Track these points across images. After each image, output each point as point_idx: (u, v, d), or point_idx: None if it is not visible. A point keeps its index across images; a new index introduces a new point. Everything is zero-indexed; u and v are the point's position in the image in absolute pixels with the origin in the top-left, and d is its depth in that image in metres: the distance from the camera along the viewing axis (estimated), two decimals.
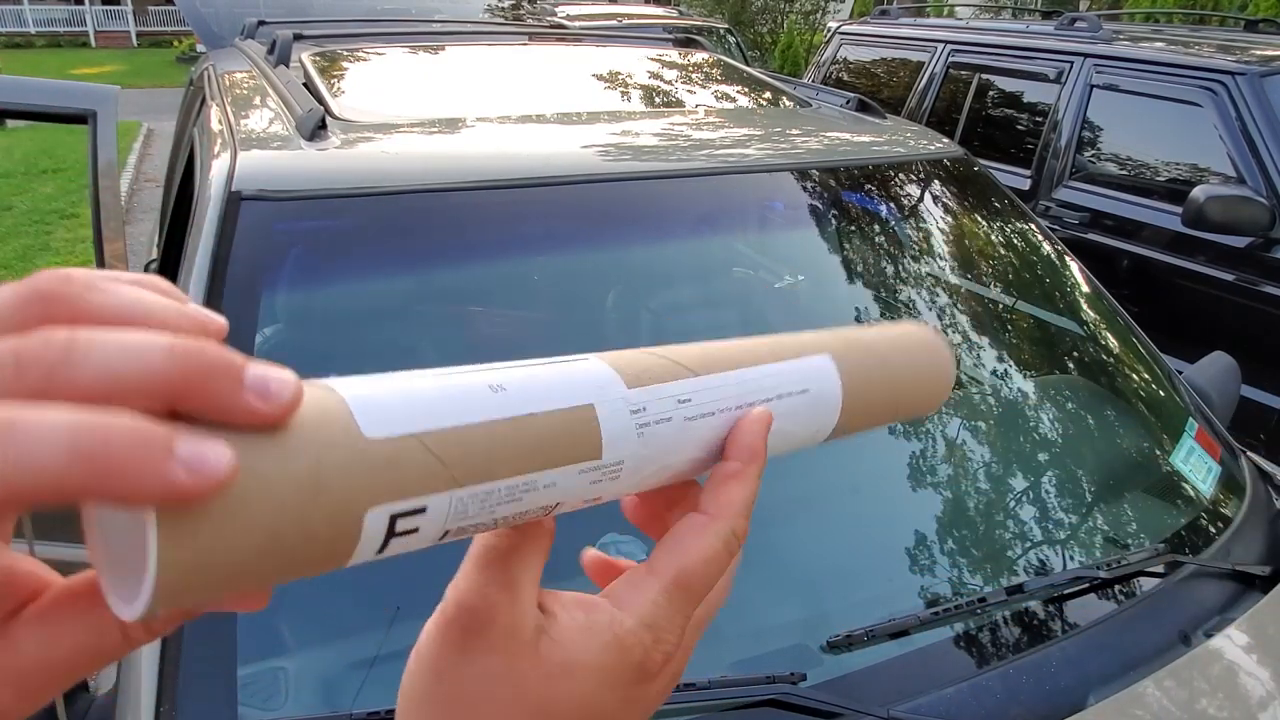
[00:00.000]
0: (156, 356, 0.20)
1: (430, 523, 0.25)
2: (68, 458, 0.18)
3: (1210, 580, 1.08)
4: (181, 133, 2.27)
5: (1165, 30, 4.35)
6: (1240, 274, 2.83)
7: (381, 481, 0.24)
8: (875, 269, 1.43)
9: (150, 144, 9.77)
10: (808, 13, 13.41)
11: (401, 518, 0.25)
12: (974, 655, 0.93)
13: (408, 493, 0.24)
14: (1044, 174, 3.47)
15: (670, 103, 1.77)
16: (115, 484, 0.19)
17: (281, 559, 0.22)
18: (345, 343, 1.22)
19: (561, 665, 0.28)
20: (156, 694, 0.75)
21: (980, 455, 1.23)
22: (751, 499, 0.32)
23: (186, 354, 0.20)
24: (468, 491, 0.26)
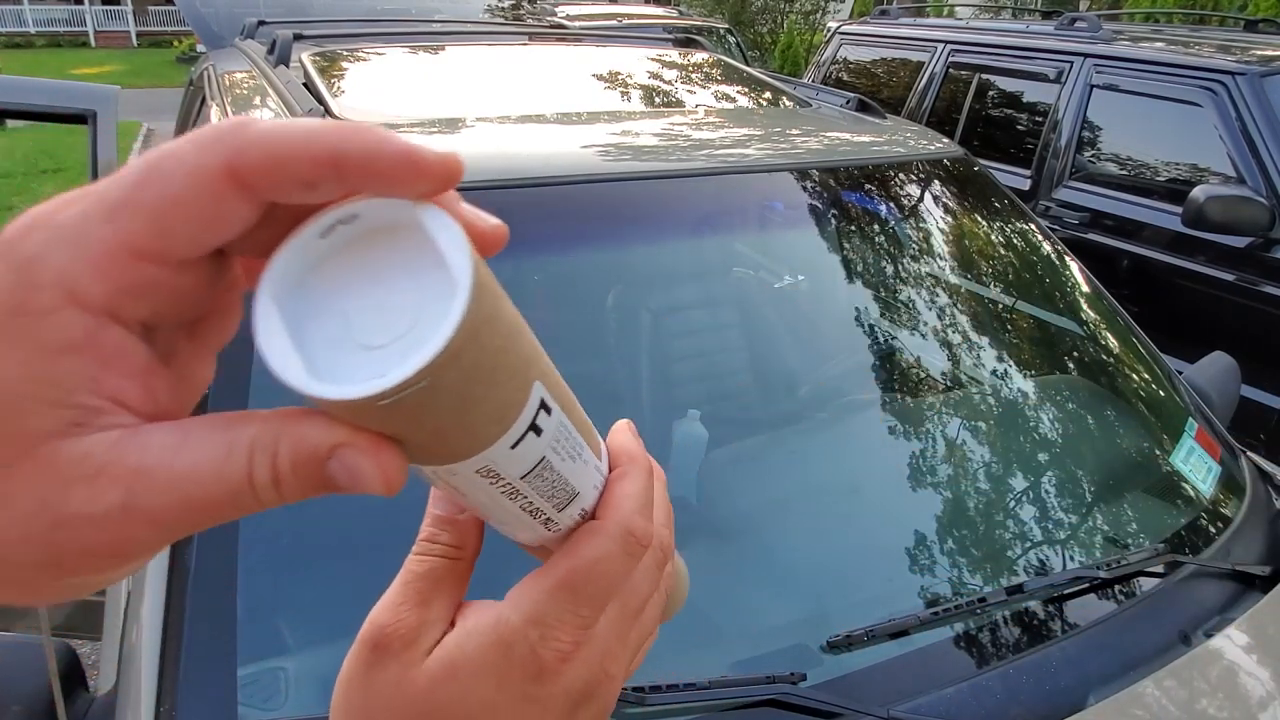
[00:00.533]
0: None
1: (547, 433, 0.26)
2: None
3: (1210, 580, 1.08)
4: (181, 133, 2.26)
5: (1165, 30, 4.35)
6: (1240, 274, 2.83)
7: (539, 360, 0.26)
8: (875, 269, 1.43)
9: (150, 144, 9.77)
10: (808, 13, 13.41)
11: (542, 409, 0.26)
12: (974, 655, 0.93)
13: (548, 386, 0.26)
14: (1044, 174, 3.47)
15: (670, 103, 1.77)
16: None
17: (484, 387, 0.23)
18: None
19: (444, 667, 0.29)
20: (156, 694, 0.75)
21: (980, 455, 1.23)
22: (642, 498, 0.32)
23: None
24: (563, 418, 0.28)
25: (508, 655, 0.29)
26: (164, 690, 0.75)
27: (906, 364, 1.33)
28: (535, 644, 0.29)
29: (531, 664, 0.29)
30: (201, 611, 0.80)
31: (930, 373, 1.33)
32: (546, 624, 0.30)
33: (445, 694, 0.29)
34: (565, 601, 0.30)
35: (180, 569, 0.82)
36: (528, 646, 0.29)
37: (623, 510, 0.31)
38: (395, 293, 0.22)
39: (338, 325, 0.22)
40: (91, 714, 0.85)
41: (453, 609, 0.31)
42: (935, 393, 1.30)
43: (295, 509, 0.94)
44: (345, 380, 0.21)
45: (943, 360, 1.34)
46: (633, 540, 0.31)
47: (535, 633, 0.29)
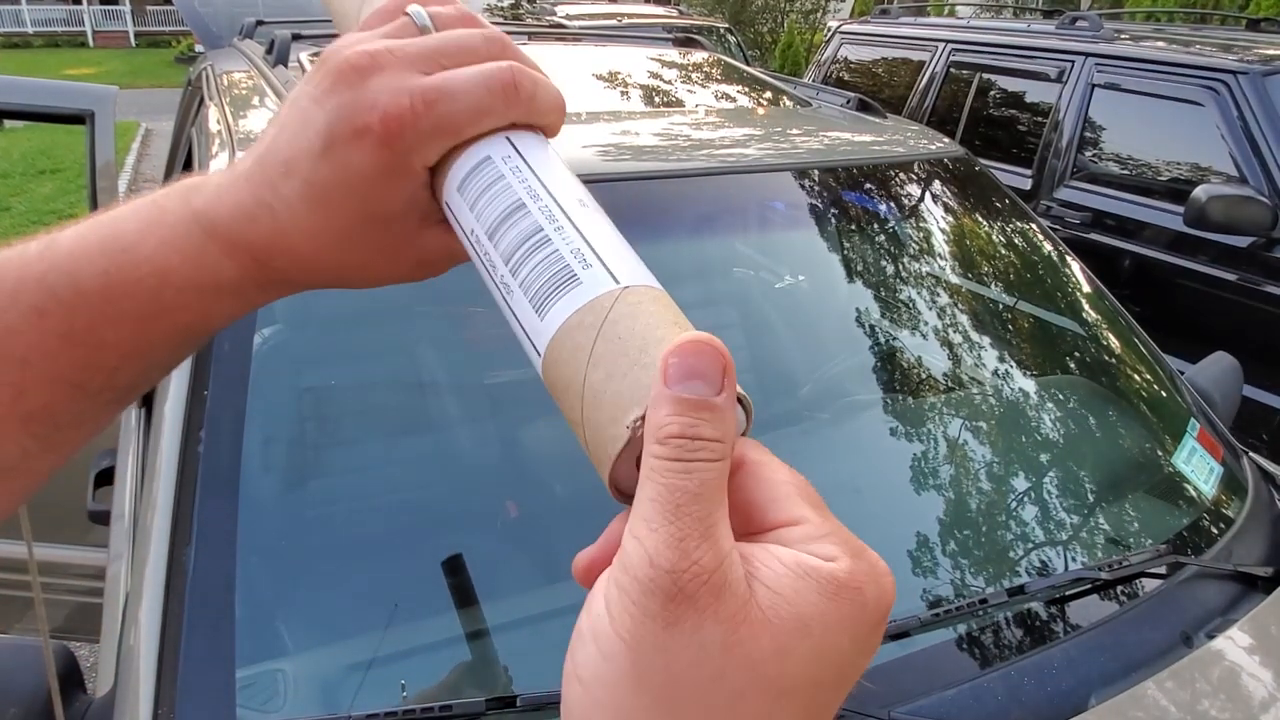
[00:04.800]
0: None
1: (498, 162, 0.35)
2: (484, 90, 0.35)
3: (1212, 581, 1.08)
4: (180, 133, 2.26)
5: (1167, 29, 4.35)
6: (1242, 274, 2.82)
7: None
8: (876, 269, 1.42)
9: (148, 144, 9.77)
10: (808, 12, 13.40)
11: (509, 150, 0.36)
12: (975, 656, 0.93)
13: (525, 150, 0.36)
14: (1045, 174, 3.46)
15: (670, 103, 1.76)
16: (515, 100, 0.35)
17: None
18: (344, 343, 1.22)
19: (794, 623, 0.23)
20: (155, 696, 0.75)
21: (981, 456, 1.23)
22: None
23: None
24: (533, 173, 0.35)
25: (860, 603, 0.24)
26: (162, 692, 0.75)
27: (907, 364, 1.33)
28: (878, 580, 0.25)
29: (876, 608, 0.25)
30: (200, 613, 0.79)
31: (931, 373, 1.32)
32: (869, 557, 0.25)
33: (801, 656, 0.23)
34: (840, 524, 0.26)
35: (179, 571, 0.81)
36: (875, 586, 0.24)
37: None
38: None
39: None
40: (90, 716, 0.85)
41: (730, 532, 0.25)
42: (936, 393, 1.30)
43: (294, 510, 0.94)
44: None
45: (944, 360, 1.34)
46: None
47: (867, 564, 0.25)
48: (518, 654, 0.89)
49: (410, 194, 0.36)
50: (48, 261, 0.35)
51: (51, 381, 0.35)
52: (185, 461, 0.88)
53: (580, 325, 0.29)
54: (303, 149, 0.35)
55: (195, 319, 0.37)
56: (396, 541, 1.01)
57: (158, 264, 0.35)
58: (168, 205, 0.37)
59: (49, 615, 1.77)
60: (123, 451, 1.44)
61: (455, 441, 1.16)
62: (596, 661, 0.24)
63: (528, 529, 1.07)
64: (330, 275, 0.38)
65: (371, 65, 0.34)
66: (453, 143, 0.35)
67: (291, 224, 0.35)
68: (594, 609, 0.24)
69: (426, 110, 0.34)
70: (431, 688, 0.84)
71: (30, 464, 0.36)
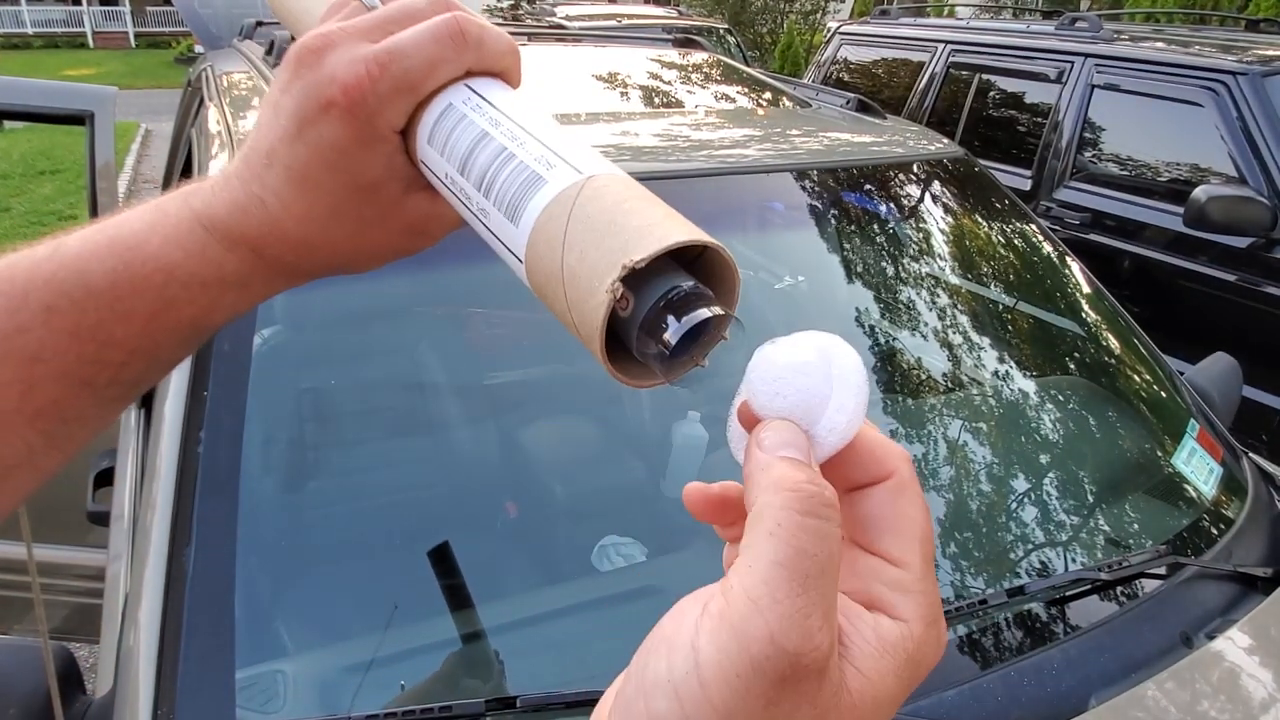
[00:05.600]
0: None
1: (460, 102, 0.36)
2: (432, 41, 0.35)
3: (1212, 582, 1.07)
4: (179, 134, 2.26)
5: (1166, 30, 4.35)
6: (1242, 274, 2.82)
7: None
8: (876, 270, 1.42)
9: (148, 145, 9.77)
10: (808, 13, 13.41)
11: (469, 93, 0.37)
12: (975, 657, 0.93)
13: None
14: (1045, 174, 3.47)
15: (670, 103, 1.76)
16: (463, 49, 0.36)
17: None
18: (344, 344, 1.22)
19: (873, 704, 0.24)
20: (154, 697, 0.75)
21: (981, 456, 1.23)
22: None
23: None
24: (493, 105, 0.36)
25: (916, 673, 0.25)
26: (162, 693, 0.75)
27: (907, 365, 1.33)
28: (935, 650, 0.25)
29: (926, 671, 0.25)
30: (200, 614, 0.79)
31: (931, 373, 1.32)
32: (937, 620, 0.25)
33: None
34: (934, 583, 0.26)
35: (178, 571, 0.81)
36: (933, 654, 0.25)
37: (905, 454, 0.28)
38: None
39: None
40: (89, 716, 0.85)
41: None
42: (936, 394, 1.30)
43: (294, 510, 0.94)
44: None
45: (943, 361, 1.34)
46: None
47: (934, 635, 0.25)
48: (518, 654, 0.89)
49: (386, 159, 0.37)
50: (56, 262, 0.36)
51: (60, 378, 0.36)
52: (185, 462, 0.88)
53: (551, 217, 0.30)
54: (279, 136, 0.37)
55: (200, 313, 0.39)
56: (396, 542, 1.01)
57: (163, 261, 0.37)
58: (169, 207, 0.38)
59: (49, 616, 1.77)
60: (122, 452, 1.44)
61: (455, 442, 1.16)
62: (677, 717, 0.22)
63: (527, 529, 1.07)
64: (325, 256, 0.40)
65: (325, 45, 0.36)
66: (414, 99, 0.36)
67: (282, 211, 0.37)
68: (676, 656, 0.23)
69: (382, 72, 0.35)
70: (431, 688, 0.84)
71: (36, 461, 0.37)
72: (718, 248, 0.29)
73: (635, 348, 0.28)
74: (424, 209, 0.40)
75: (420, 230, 0.40)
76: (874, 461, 0.27)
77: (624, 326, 0.28)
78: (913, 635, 0.25)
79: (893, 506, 0.27)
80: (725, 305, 0.29)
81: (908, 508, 0.27)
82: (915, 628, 0.25)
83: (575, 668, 0.89)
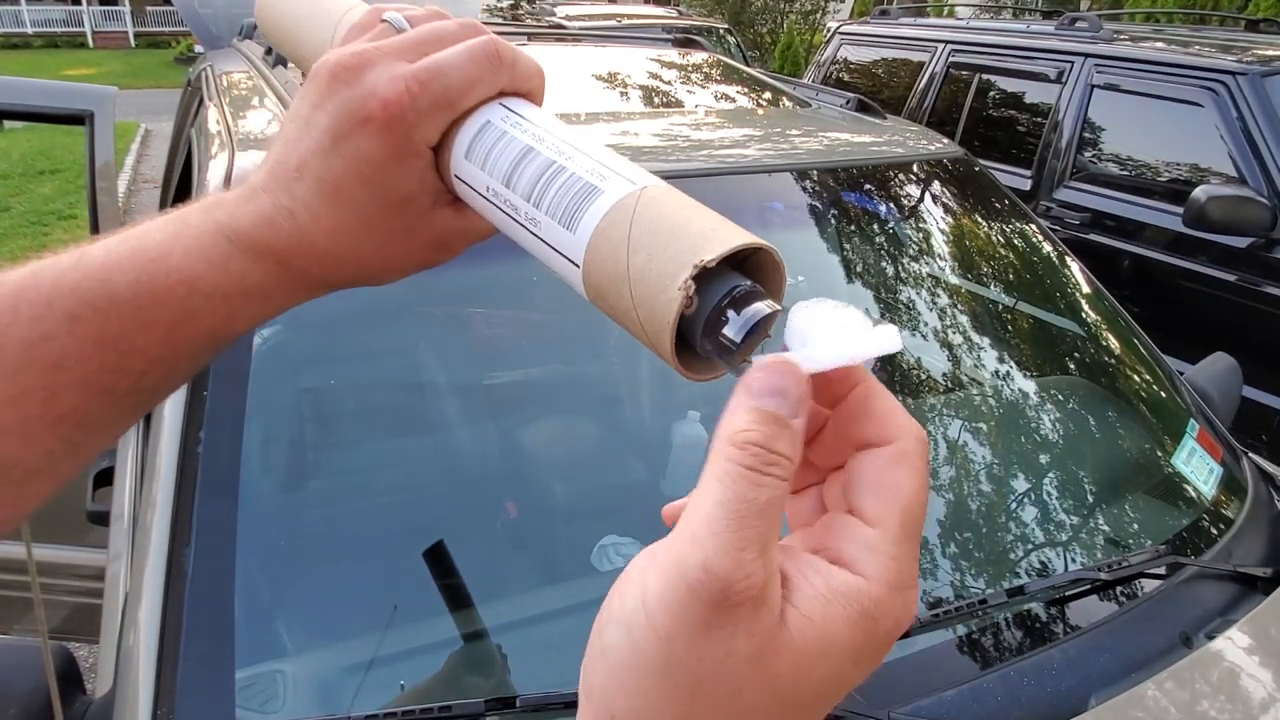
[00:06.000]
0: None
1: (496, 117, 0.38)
2: (469, 62, 0.37)
3: (1212, 582, 1.08)
4: (179, 134, 2.26)
5: (1166, 30, 4.35)
6: (1241, 274, 2.82)
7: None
8: (876, 270, 1.42)
9: (148, 145, 9.77)
10: (807, 13, 13.41)
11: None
12: (975, 657, 0.93)
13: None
14: (1044, 174, 3.47)
15: (670, 103, 1.76)
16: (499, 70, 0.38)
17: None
18: (343, 344, 1.22)
19: (817, 647, 0.24)
20: (154, 696, 0.75)
21: (981, 456, 1.23)
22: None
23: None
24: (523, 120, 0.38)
25: (874, 631, 0.25)
26: (161, 693, 0.75)
27: (907, 365, 1.33)
28: (900, 615, 0.25)
29: (891, 636, 0.26)
30: (199, 614, 0.79)
31: (931, 374, 1.32)
32: (905, 586, 0.26)
33: (811, 676, 0.25)
34: (911, 551, 0.26)
35: (178, 571, 0.81)
36: (894, 620, 0.25)
37: (913, 423, 0.28)
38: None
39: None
40: (89, 716, 0.85)
41: (777, 549, 0.25)
42: (936, 394, 1.30)
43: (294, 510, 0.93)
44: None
45: (943, 361, 1.34)
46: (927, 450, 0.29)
47: (899, 601, 0.25)
48: (517, 654, 0.89)
49: (419, 175, 0.38)
50: (81, 271, 0.37)
51: (82, 385, 0.37)
52: (185, 462, 0.88)
53: (613, 223, 0.32)
54: (312, 150, 0.38)
55: (220, 323, 0.39)
56: (396, 542, 1.01)
57: (185, 273, 0.37)
58: (191, 219, 0.39)
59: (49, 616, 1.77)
60: (122, 452, 1.44)
61: (454, 442, 1.16)
62: (626, 647, 0.24)
63: (527, 529, 1.07)
64: (352, 269, 0.41)
65: (363, 63, 0.37)
66: (450, 116, 0.37)
67: (311, 223, 0.38)
68: (627, 594, 0.25)
69: (421, 90, 0.36)
70: (431, 688, 0.84)
71: (56, 467, 0.38)
72: (770, 249, 0.31)
73: (699, 343, 0.30)
74: (449, 223, 0.41)
75: (443, 244, 0.42)
76: (883, 426, 0.28)
77: (688, 324, 0.30)
78: (869, 593, 0.25)
79: (881, 471, 0.27)
80: (775, 302, 0.31)
81: (897, 475, 0.27)
82: (875, 587, 0.25)
83: (575, 668, 0.89)
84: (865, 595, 0.25)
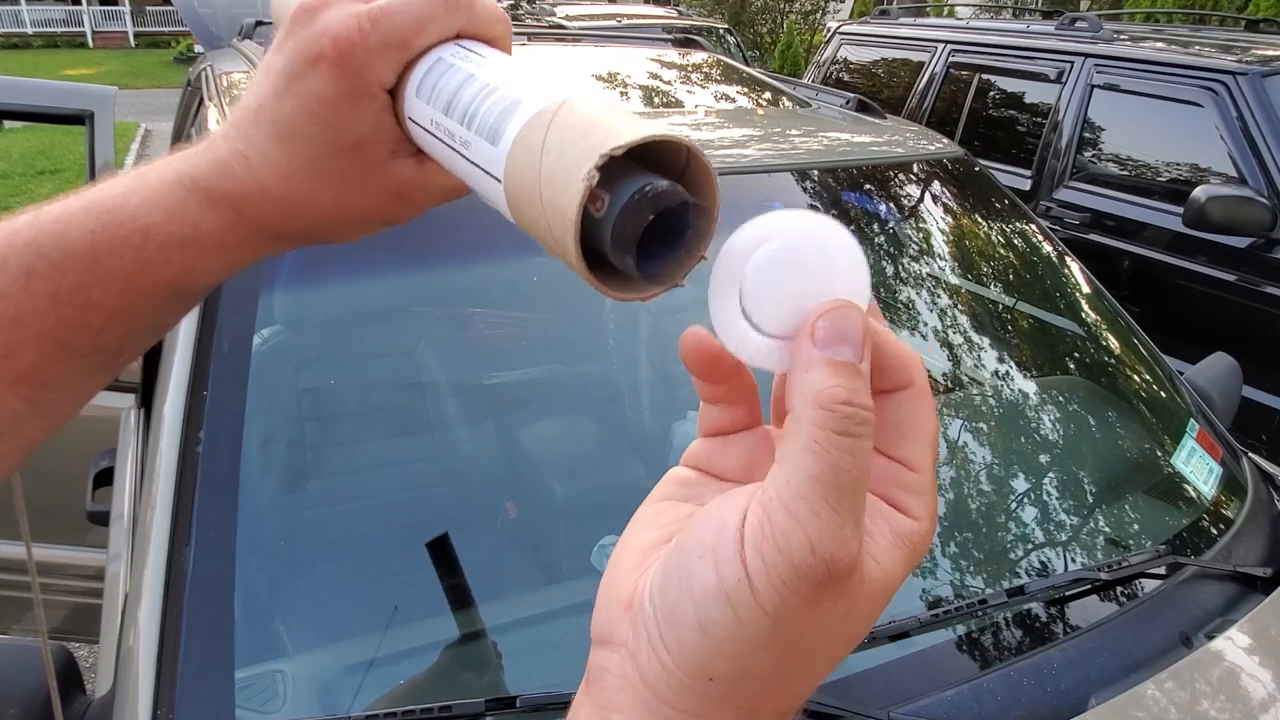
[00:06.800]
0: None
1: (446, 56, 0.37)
2: (425, 0, 0.36)
3: (1211, 582, 1.08)
4: (179, 133, 2.26)
5: (1166, 30, 4.35)
6: (1241, 274, 2.82)
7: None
8: (875, 270, 1.42)
9: (148, 145, 9.77)
10: (807, 13, 13.41)
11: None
12: (975, 657, 0.93)
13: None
14: (1044, 174, 3.47)
15: (670, 103, 1.76)
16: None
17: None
18: (343, 344, 1.22)
19: (884, 587, 0.26)
20: (154, 696, 0.75)
21: (981, 456, 1.23)
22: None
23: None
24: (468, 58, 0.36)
25: (916, 558, 0.27)
26: (161, 693, 0.75)
27: None
28: (930, 539, 0.28)
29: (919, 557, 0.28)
30: (199, 614, 0.79)
31: (931, 373, 1.32)
32: (934, 517, 0.28)
33: (875, 613, 0.27)
34: (935, 481, 0.28)
35: (178, 571, 0.81)
36: (925, 545, 0.27)
37: (919, 362, 0.29)
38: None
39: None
40: (89, 717, 0.85)
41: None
42: (936, 393, 1.30)
43: (294, 510, 0.93)
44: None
45: (943, 361, 1.34)
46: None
47: (932, 526, 0.28)
48: (517, 654, 0.89)
49: (373, 117, 0.37)
50: (36, 227, 0.37)
51: (40, 341, 0.37)
52: (184, 462, 0.88)
53: (531, 129, 0.30)
54: (267, 91, 0.38)
55: (178, 275, 0.39)
56: (396, 542, 1.01)
57: (141, 221, 0.37)
58: (150, 171, 0.39)
59: (48, 615, 1.77)
60: (122, 452, 1.44)
61: (454, 442, 1.16)
62: (731, 623, 0.24)
63: (527, 529, 1.07)
64: (309, 217, 0.40)
65: (321, 4, 0.37)
66: (403, 55, 0.37)
67: (264, 167, 0.38)
68: (727, 570, 0.24)
69: (373, 27, 0.36)
70: (432, 688, 0.84)
71: (20, 428, 0.38)
72: (695, 149, 0.28)
73: (610, 251, 0.27)
74: (409, 175, 0.40)
75: (405, 197, 0.41)
76: (900, 370, 0.28)
77: (598, 229, 0.27)
78: (919, 531, 0.27)
79: (913, 414, 0.28)
80: (703, 204, 0.28)
81: (921, 415, 0.28)
82: (923, 525, 0.27)
83: (575, 668, 0.89)
84: (916, 534, 0.27)
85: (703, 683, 0.25)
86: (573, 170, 0.27)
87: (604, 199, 0.27)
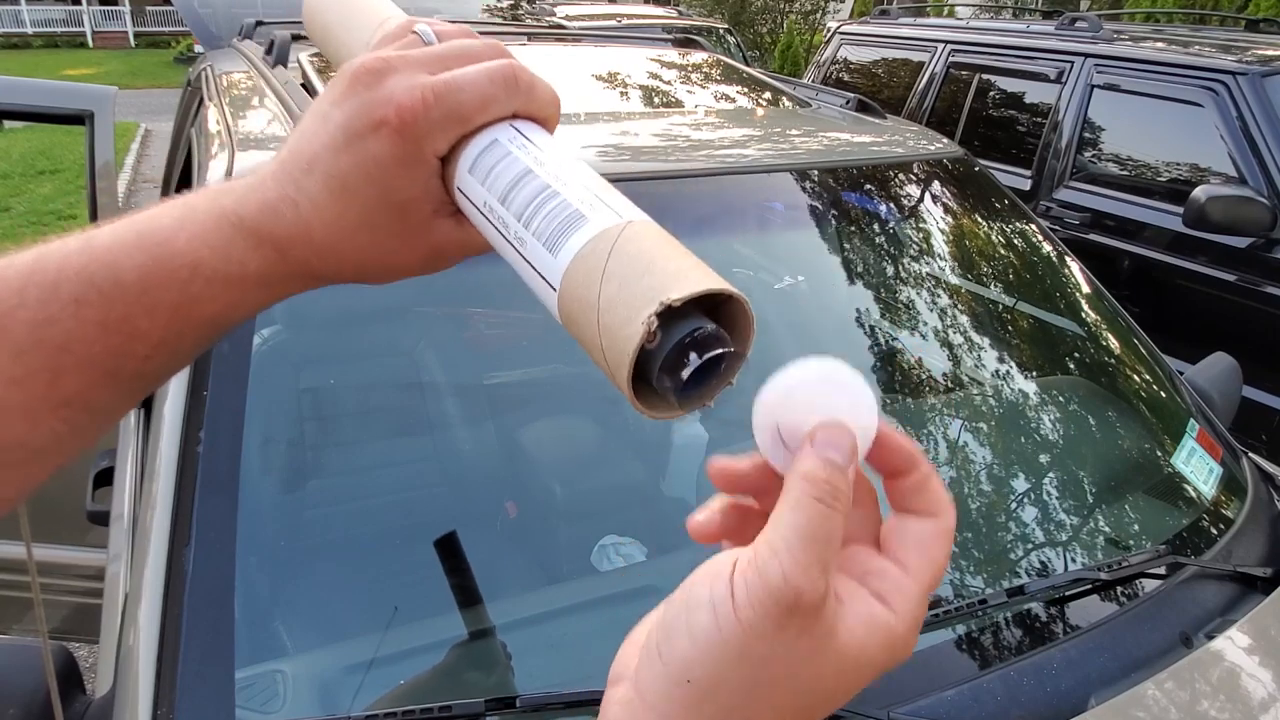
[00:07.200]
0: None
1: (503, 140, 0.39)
2: (487, 81, 0.38)
3: (1211, 582, 1.08)
4: (179, 133, 2.26)
5: (1166, 30, 4.35)
6: (1241, 274, 2.82)
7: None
8: (876, 270, 1.42)
9: (148, 145, 9.77)
10: (807, 13, 13.42)
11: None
12: (974, 657, 0.93)
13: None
14: (1044, 174, 3.47)
15: (670, 103, 1.76)
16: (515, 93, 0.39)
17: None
18: (343, 344, 1.22)
19: (854, 662, 0.30)
20: (154, 696, 0.75)
21: (981, 456, 1.23)
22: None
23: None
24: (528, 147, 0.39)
25: (890, 658, 0.31)
26: (161, 693, 0.75)
27: (907, 365, 1.33)
28: (907, 651, 0.32)
29: (895, 664, 0.32)
30: (199, 614, 0.79)
31: (931, 373, 1.32)
32: (916, 632, 0.32)
33: (843, 684, 0.31)
34: (924, 607, 0.32)
35: (178, 571, 0.81)
36: (904, 653, 0.32)
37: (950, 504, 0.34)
38: None
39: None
40: (89, 717, 0.85)
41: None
42: (936, 394, 1.30)
43: (294, 510, 0.93)
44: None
45: (943, 361, 1.34)
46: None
47: (912, 640, 0.32)
48: (518, 654, 0.89)
49: (424, 182, 0.40)
50: (88, 255, 0.38)
51: (87, 368, 0.38)
52: (185, 462, 0.88)
53: (593, 251, 0.33)
54: (324, 144, 0.39)
55: (222, 310, 0.40)
56: (396, 542, 1.01)
57: (190, 257, 0.38)
58: (198, 205, 0.40)
59: (49, 616, 1.77)
60: (122, 452, 1.44)
61: (454, 442, 1.16)
62: (713, 630, 0.29)
63: (527, 529, 1.07)
64: (349, 263, 0.41)
65: (385, 68, 0.39)
66: (462, 130, 0.39)
67: (313, 214, 0.39)
68: (717, 590, 0.29)
69: (437, 101, 0.38)
70: (432, 688, 0.84)
71: (60, 447, 0.39)
72: (741, 299, 0.32)
73: (655, 379, 0.31)
74: (448, 234, 0.42)
75: (440, 253, 0.43)
76: (934, 504, 0.33)
77: (648, 359, 0.31)
78: (898, 629, 0.31)
79: (928, 539, 0.33)
80: (740, 349, 0.32)
81: (938, 546, 0.33)
82: (902, 625, 0.31)
83: (575, 668, 0.89)
84: (895, 630, 0.31)
85: (682, 685, 0.29)
86: (634, 308, 0.31)
87: (658, 334, 0.31)
